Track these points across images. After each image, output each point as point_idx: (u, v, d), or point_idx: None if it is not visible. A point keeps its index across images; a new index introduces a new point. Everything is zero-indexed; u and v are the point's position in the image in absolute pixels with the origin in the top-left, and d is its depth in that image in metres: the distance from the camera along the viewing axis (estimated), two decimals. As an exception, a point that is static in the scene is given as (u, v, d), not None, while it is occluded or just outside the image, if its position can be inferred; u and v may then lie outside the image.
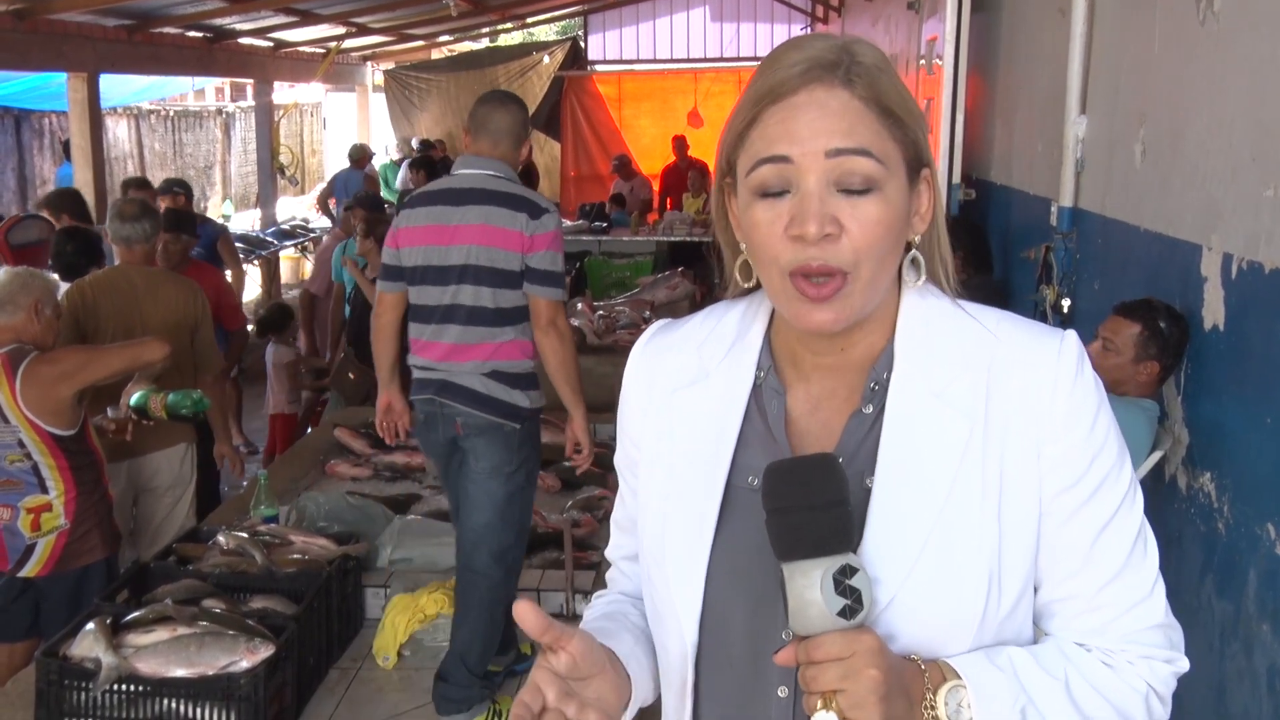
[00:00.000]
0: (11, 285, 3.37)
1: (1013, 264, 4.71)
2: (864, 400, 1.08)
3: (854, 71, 1.02)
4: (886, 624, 1.01)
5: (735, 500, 1.10)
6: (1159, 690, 1.07)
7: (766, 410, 1.12)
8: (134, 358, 3.46)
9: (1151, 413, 2.92)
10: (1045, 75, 4.27)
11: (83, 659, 2.22)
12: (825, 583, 0.94)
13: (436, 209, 3.16)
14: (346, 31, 12.65)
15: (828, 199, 1.00)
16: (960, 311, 1.10)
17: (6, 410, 3.26)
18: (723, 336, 1.16)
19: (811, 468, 0.98)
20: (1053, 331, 1.08)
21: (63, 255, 4.68)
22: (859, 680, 0.93)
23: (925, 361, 1.07)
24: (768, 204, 1.02)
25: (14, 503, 3.33)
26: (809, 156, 1.00)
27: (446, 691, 2.83)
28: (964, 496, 1.03)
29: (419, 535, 3.05)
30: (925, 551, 1.02)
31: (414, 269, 3.19)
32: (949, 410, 1.05)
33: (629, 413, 1.21)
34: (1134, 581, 1.07)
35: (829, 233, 1.00)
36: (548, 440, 4.01)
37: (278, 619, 2.41)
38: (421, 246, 3.16)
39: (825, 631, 0.94)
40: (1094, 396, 1.05)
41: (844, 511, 0.96)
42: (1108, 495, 1.05)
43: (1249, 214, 2.51)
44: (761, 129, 1.03)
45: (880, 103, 1.02)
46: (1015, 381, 1.05)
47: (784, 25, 15.05)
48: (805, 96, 1.01)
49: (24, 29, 7.74)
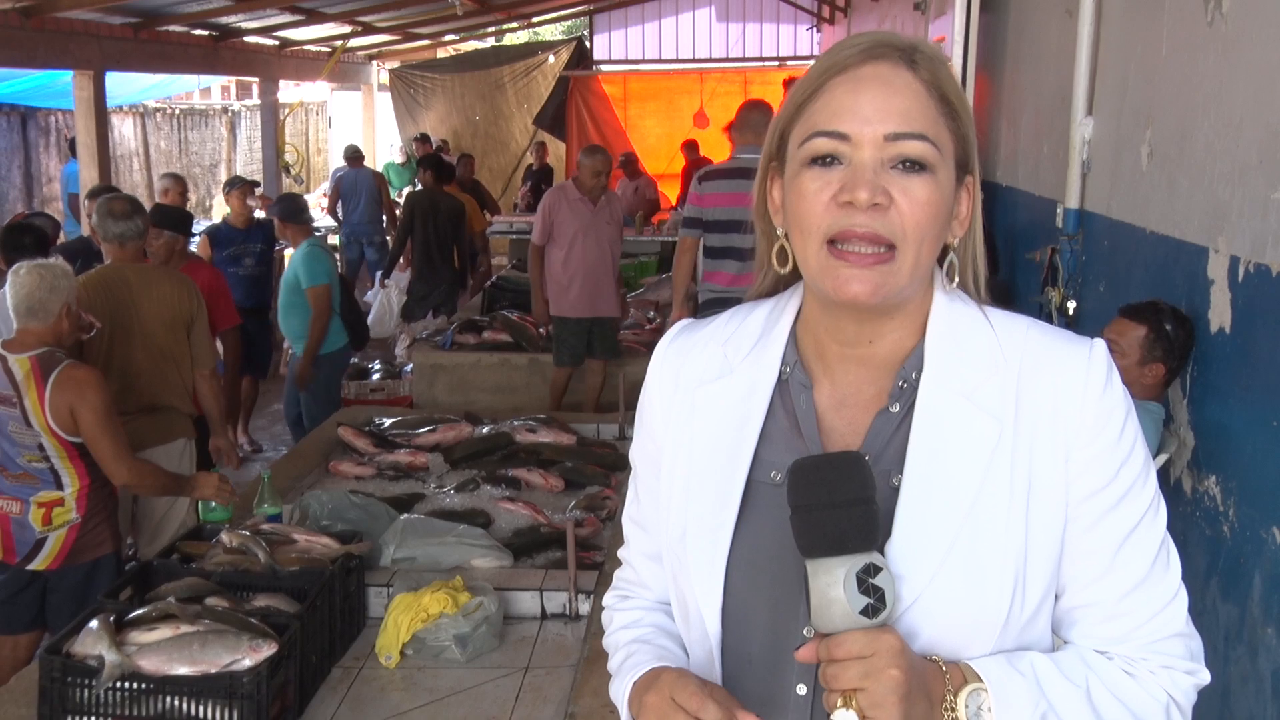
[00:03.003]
0: (41, 289, 3.33)
1: (1018, 266, 4.70)
2: (891, 399, 1.08)
3: (917, 56, 1.04)
4: (911, 622, 1.01)
5: (757, 495, 1.10)
6: (1179, 701, 1.07)
7: (794, 405, 1.11)
8: (139, 475, 3.39)
9: (1157, 415, 2.91)
10: (1052, 76, 4.26)
11: (86, 656, 2.21)
12: (849, 581, 0.94)
13: (733, 181, 4.91)
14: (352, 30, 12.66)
15: (881, 173, 1.02)
16: (990, 316, 1.10)
17: (31, 416, 3.25)
18: (748, 333, 1.16)
19: (838, 465, 0.98)
20: (1081, 339, 1.09)
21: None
22: (880, 680, 0.93)
23: (955, 363, 1.07)
24: (817, 172, 1.03)
25: (26, 497, 3.33)
26: (866, 136, 1.02)
27: None
28: (992, 498, 1.03)
29: (422, 534, 3.05)
30: (952, 551, 1.02)
31: (714, 221, 5.01)
32: (979, 412, 1.05)
33: (652, 409, 1.21)
34: (1157, 590, 1.07)
35: (879, 202, 1.00)
36: (548, 440, 4.03)
37: (281, 617, 2.41)
38: (725, 206, 4.93)
39: (847, 630, 0.94)
40: (1123, 405, 1.06)
41: (869, 510, 0.96)
42: (1133, 503, 1.06)
43: (1256, 216, 2.50)
44: (825, 99, 1.04)
45: (940, 89, 1.04)
46: (1045, 387, 1.05)
47: (790, 26, 15.04)
48: (870, 70, 1.03)
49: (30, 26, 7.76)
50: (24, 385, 3.24)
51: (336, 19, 11.53)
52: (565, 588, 2.81)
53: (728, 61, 14.89)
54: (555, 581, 2.86)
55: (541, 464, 3.83)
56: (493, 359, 6.20)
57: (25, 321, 3.32)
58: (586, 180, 5.94)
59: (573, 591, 2.80)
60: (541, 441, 4.02)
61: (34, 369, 3.25)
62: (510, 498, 3.52)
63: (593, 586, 2.84)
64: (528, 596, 2.84)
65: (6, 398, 3.26)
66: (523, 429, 4.08)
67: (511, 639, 2.73)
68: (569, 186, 6.05)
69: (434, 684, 2.52)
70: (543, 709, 2.43)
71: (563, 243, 5.90)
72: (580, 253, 5.89)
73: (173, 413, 4.16)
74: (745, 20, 15.33)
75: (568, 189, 6.03)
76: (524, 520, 3.37)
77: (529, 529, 3.31)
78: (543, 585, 2.86)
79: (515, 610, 2.83)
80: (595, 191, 5.92)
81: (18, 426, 3.27)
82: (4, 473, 3.34)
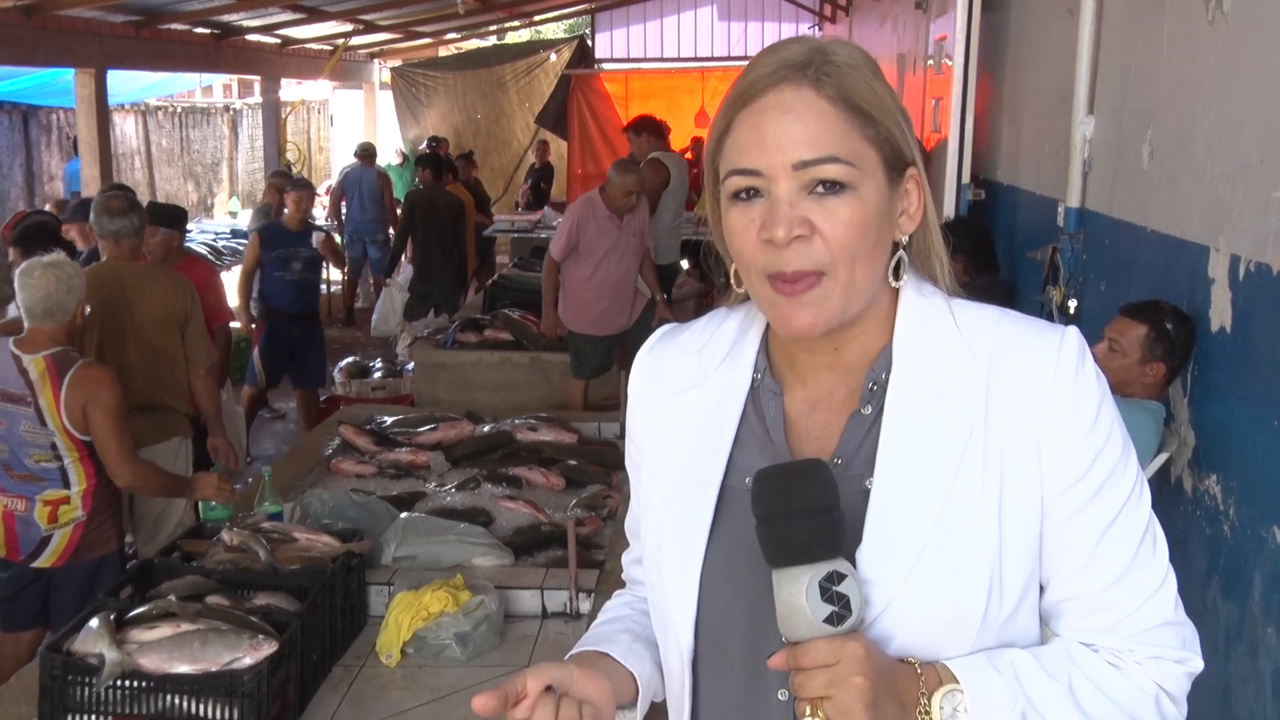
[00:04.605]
0: (59, 291, 3.31)
1: (1019, 265, 4.70)
2: (863, 401, 1.08)
3: (823, 70, 1.01)
4: (885, 626, 1.01)
5: (732, 501, 1.09)
6: (1170, 690, 1.06)
7: (764, 411, 1.11)
8: (140, 477, 3.38)
9: (1157, 414, 2.91)
10: (1053, 75, 4.26)
11: (86, 654, 2.22)
12: (811, 590, 0.94)
13: None
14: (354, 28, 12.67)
15: (798, 202, 1.01)
16: (959, 310, 1.09)
17: (47, 416, 3.24)
18: (721, 341, 1.17)
19: (799, 474, 0.97)
20: (1053, 327, 1.07)
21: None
22: (844, 688, 0.93)
23: (924, 361, 1.06)
24: (741, 209, 1.03)
25: (31, 495, 3.33)
26: (776, 169, 1.01)
27: None
28: (963, 497, 1.02)
29: (423, 533, 3.05)
30: (924, 553, 1.01)
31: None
32: (948, 410, 1.04)
33: (634, 417, 1.22)
34: (1142, 579, 1.05)
35: (799, 234, 1.00)
36: (549, 438, 4.03)
37: (281, 616, 2.41)
38: None
39: (813, 638, 0.95)
40: (1095, 392, 1.04)
41: (831, 518, 0.95)
42: (1112, 492, 1.04)
43: (1257, 215, 2.50)
44: (734, 137, 1.04)
45: (850, 101, 1.01)
46: (1015, 379, 1.04)
47: (792, 24, 15.04)
48: (773, 98, 1.01)
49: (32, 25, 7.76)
50: (39, 385, 3.24)
51: (338, 17, 11.53)
52: (566, 586, 2.81)
53: (730, 60, 14.87)
54: (556, 580, 2.86)
55: (543, 462, 3.83)
56: (494, 357, 6.20)
57: (40, 322, 3.31)
58: (616, 198, 5.68)
59: (574, 590, 2.81)
60: (543, 440, 4.02)
61: (49, 368, 3.25)
62: (511, 496, 3.52)
63: (594, 585, 2.84)
64: (529, 595, 2.84)
65: (20, 397, 3.25)
66: (524, 428, 4.08)
67: (512, 638, 2.73)
68: (597, 202, 5.76)
69: (435, 683, 2.52)
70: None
71: (590, 261, 5.74)
72: (607, 271, 5.77)
73: (168, 411, 4.16)
74: (747, 19, 15.34)
75: (596, 205, 5.75)
76: (525, 519, 3.37)
77: (530, 527, 3.31)
78: (544, 584, 2.86)
79: (516, 609, 2.83)
80: (624, 209, 5.72)
81: (31, 426, 3.26)
82: (9, 471, 3.34)
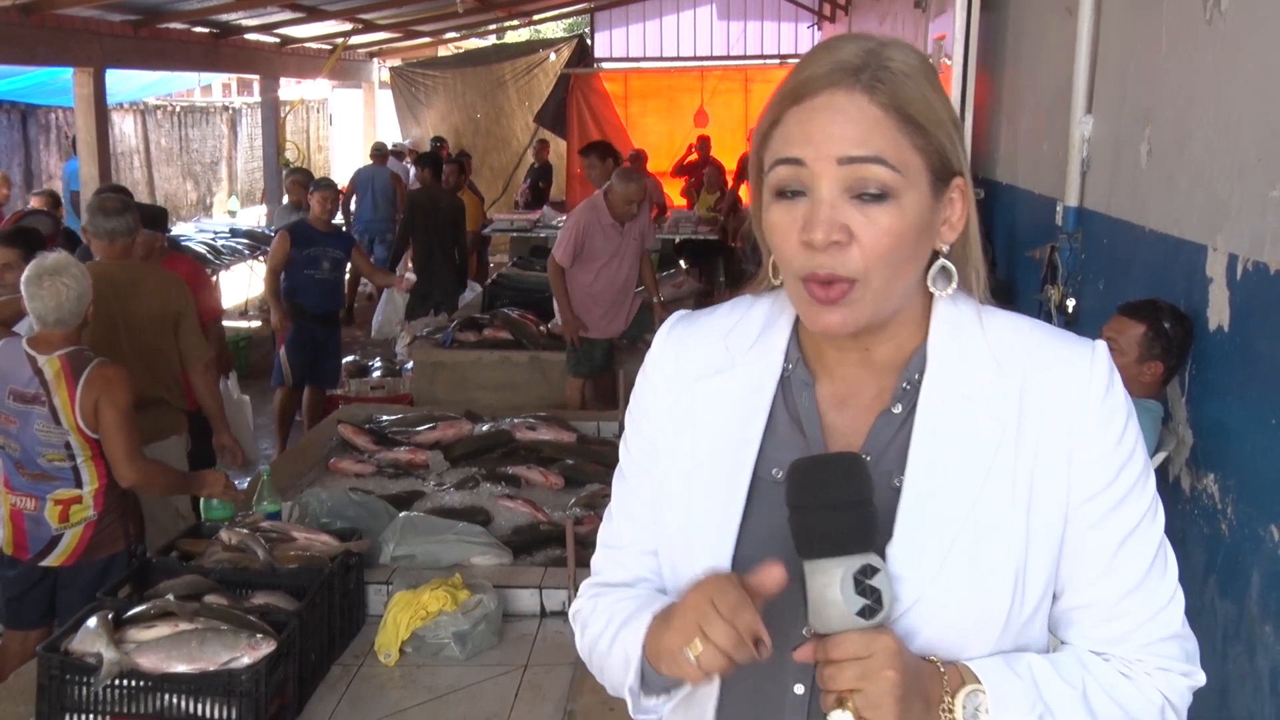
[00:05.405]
0: (70, 299, 3.29)
1: (1018, 264, 4.70)
2: (894, 400, 1.09)
3: (878, 77, 1.01)
4: (910, 623, 1.01)
5: (760, 492, 1.09)
6: (1174, 703, 1.08)
7: (796, 402, 1.11)
8: (148, 476, 3.38)
9: (1155, 413, 2.91)
10: (1051, 74, 4.26)
11: (84, 654, 2.22)
12: (845, 582, 0.94)
13: None
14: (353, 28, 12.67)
15: (839, 205, 1.00)
16: (989, 318, 1.10)
17: (61, 415, 3.23)
18: (749, 327, 1.16)
19: (836, 466, 0.98)
20: (1083, 341, 1.10)
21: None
22: (876, 681, 0.94)
23: (958, 365, 1.07)
24: (784, 206, 1.03)
25: (42, 494, 3.32)
26: (821, 162, 1.00)
27: None
28: (993, 498, 1.03)
29: (422, 532, 3.05)
30: (953, 552, 1.02)
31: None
32: (981, 413, 1.05)
33: (651, 396, 1.19)
34: (1154, 592, 1.08)
35: (837, 240, 1.00)
36: (548, 438, 4.03)
37: (280, 615, 2.41)
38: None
39: (844, 631, 0.95)
40: (1124, 407, 1.07)
41: (867, 512, 0.96)
42: (1133, 505, 1.06)
43: (1255, 214, 2.50)
44: (782, 129, 1.04)
45: (902, 110, 1.01)
46: (1048, 388, 1.06)
47: (791, 24, 15.04)
48: (825, 99, 1.01)
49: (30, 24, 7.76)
50: (54, 384, 3.24)
51: (337, 16, 11.53)
52: (564, 585, 2.81)
53: (729, 59, 14.88)
54: (554, 579, 2.86)
55: (541, 462, 3.83)
56: (493, 357, 6.20)
57: (54, 328, 3.31)
58: (619, 206, 5.71)
59: (572, 589, 2.81)
60: (541, 439, 4.02)
61: (64, 368, 3.25)
62: (510, 495, 3.52)
63: (592, 584, 2.84)
64: (527, 594, 2.84)
65: (34, 397, 3.25)
66: (523, 427, 4.08)
67: (511, 636, 2.73)
68: (601, 208, 5.77)
69: (433, 682, 2.52)
70: (542, 706, 2.43)
71: (592, 267, 5.77)
72: (607, 278, 5.81)
73: (164, 407, 4.15)
74: (746, 18, 15.33)
75: (600, 211, 5.77)
76: (523, 518, 3.38)
77: (528, 527, 3.31)
78: (542, 583, 2.86)
79: (514, 608, 2.83)
80: (626, 217, 5.74)
81: (45, 425, 3.26)
82: (20, 470, 3.34)
